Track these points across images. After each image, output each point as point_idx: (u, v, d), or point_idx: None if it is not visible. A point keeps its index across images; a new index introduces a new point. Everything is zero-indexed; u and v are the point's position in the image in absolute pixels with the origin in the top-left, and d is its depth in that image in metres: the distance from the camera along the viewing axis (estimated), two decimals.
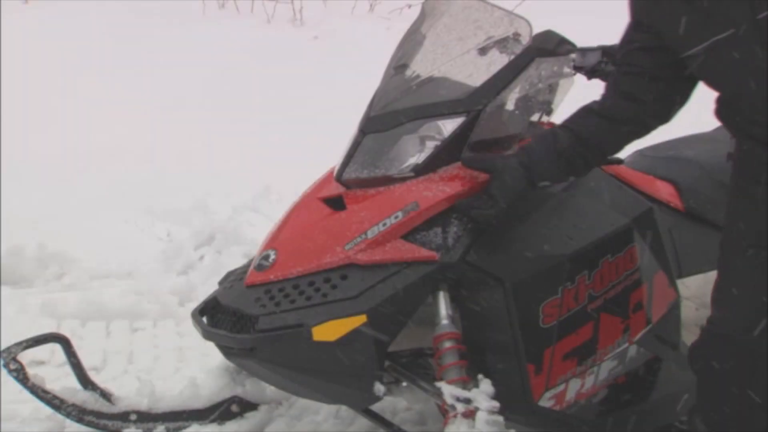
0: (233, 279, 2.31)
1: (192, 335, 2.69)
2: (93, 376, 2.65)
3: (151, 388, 2.66)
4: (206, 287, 3.47)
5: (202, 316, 2.30)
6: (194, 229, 4.37)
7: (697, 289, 2.55)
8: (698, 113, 2.34)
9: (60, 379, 2.75)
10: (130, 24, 7.79)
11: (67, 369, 2.64)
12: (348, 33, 8.05)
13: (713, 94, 1.98)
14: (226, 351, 2.20)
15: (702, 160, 2.61)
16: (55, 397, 2.50)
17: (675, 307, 2.39)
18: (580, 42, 2.30)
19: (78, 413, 2.51)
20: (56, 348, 2.75)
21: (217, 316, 2.23)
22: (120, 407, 2.58)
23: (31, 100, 6.07)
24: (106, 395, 2.59)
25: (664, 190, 2.52)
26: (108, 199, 4.75)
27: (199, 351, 3.13)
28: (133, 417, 2.57)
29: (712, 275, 2.54)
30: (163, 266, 4.04)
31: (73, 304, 3.54)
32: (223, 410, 2.65)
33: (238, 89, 6.80)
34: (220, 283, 2.39)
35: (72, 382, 2.61)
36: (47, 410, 2.54)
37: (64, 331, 3.03)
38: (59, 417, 2.54)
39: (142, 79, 6.76)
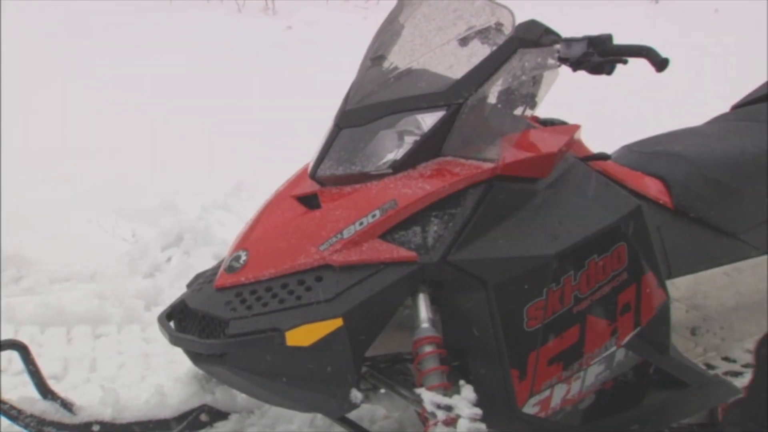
0: (202, 281, 2.30)
1: (158, 341, 2.69)
2: (53, 385, 2.62)
3: (115, 397, 2.65)
4: (174, 290, 3.47)
5: (170, 320, 2.29)
6: (161, 229, 4.36)
7: (687, 290, 2.57)
8: (688, 106, 2.36)
9: (17, 388, 2.74)
10: (94, 16, 7.74)
11: (25, 377, 2.61)
12: (323, 23, 8.05)
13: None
14: (195, 357, 2.19)
15: (692, 156, 2.63)
16: (12, 407, 2.47)
17: (664, 309, 2.40)
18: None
19: (37, 424, 2.49)
20: (13, 356, 2.73)
21: (185, 321, 2.22)
22: (82, 418, 2.56)
23: None
24: (67, 405, 2.57)
25: (653, 187, 2.53)
26: (70, 198, 4.73)
27: (166, 357, 3.12)
28: (96, 428, 2.55)
29: (703, 275, 2.58)
30: (128, 268, 4.03)
31: (32, 308, 3.52)
32: (192, 420, 2.64)
33: (208, 83, 6.79)
34: (189, 285, 2.38)
35: (31, 391, 2.58)
36: (4, 421, 2.52)
37: (22, 338, 3.00)
38: (17, 428, 2.51)
39: (107, 74, 6.74)
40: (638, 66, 2.34)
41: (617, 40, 2.24)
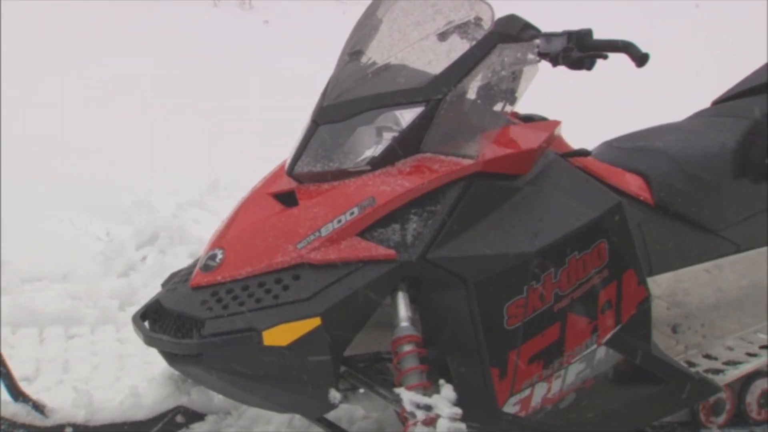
0: (177, 281, 2.29)
1: (133, 341, 2.68)
2: (25, 387, 2.60)
3: (89, 399, 2.63)
4: (149, 290, 3.45)
5: (144, 320, 2.28)
6: (136, 227, 4.34)
7: (668, 287, 2.58)
8: (669, 102, 2.38)
9: None
10: (65, 13, 7.69)
11: None
12: (301, 18, 8.04)
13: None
14: (170, 358, 2.18)
15: (673, 152, 2.65)
16: None
17: (645, 307, 2.41)
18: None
19: (8, 427, 2.47)
20: None
21: (160, 321, 2.21)
22: (54, 420, 2.54)
23: None
24: (39, 407, 2.55)
25: (634, 183, 2.54)
26: (42, 196, 4.70)
27: (141, 358, 3.11)
28: (69, 430, 2.53)
29: (684, 272, 2.60)
30: (101, 268, 4.01)
31: (3, 309, 3.49)
32: (168, 421, 2.62)
33: (183, 78, 6.77)
34: (164, 285, 2.37)
35: (2, 393, 2.57)
36: None
37: None
38: None
39: (79, 71, 6.70)
40: (619, 61, 2.35)
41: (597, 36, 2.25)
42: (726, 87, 3.17)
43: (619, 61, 2.32)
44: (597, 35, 2.25)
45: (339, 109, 2.24)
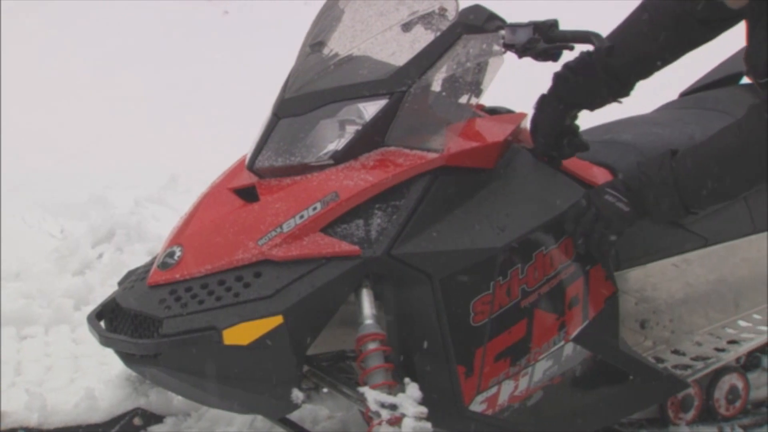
0: (135, 279, 2.28)
1: (89, 342, 2.65)
2: None
3: (42, 402, 2.61)
4: (105, 288, 3.42)
5: (100, 320, 2.27)
6: (91, 224, 4.31)
7: (636, 282, 2.61)
8: (636, 93, 2.41)
9: None
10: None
11: None
12: (261, 8, 8.00)
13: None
14: (127, 358, 2.17)
15: (641, 144, 2.67)
16: None
17: (613, 302, 2.44)
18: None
19: None
20: None
21: (117, 320, 2.20)
22: (6, 424, 2.52)
23: None
24: None
25: (601, 176, 2.56)
26: None
27: (97, 359, 3.08)
28: None
29: (652, 267, 2.62)
30: (56, 266, 3.97)
31: None
32: (125, 424, 2.62)
33: (141, 70, 6.71)
34: (120, 283, 2.36)
35: None
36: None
37: None
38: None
39: (31, 60, 6.61)
40: None
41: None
42: (694, 78, 3.20)
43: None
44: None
45: (300, 102, 2.24)
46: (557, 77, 2.39)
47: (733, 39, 2.49)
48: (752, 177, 2.25)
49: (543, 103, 2.39)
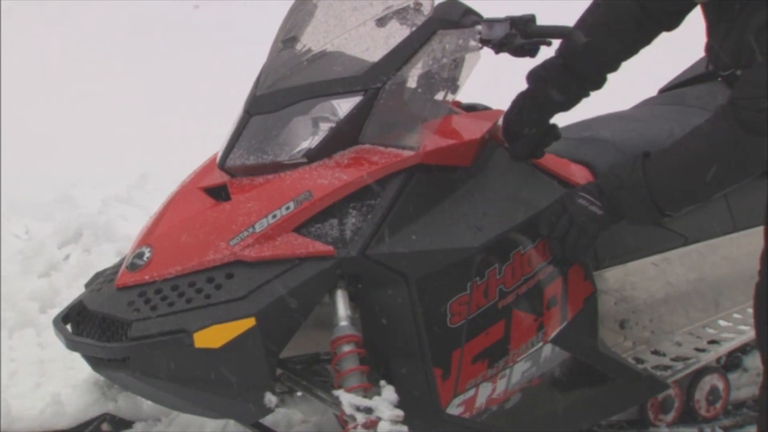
0: (102, 281, 2.26)
1: (55, 346, 2.64)
2: None
3: (7, 408, 2.60)
4: (72, 291, 3.40)
5: (66, 323, 2.26)
6: (57, 224, 4.27)
7: (615, 282, 2.62)
8: (615, 90, 2.42)
9: None
10: None
11: None
12: (232, 2, 7.97)
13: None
14: (95, 362, 2.16)
15: (619, 141, 2.68)
16: None
17: (592, 302, 2.46)
18: None
19: None
20: None
21: (84, 324, 2.19)
22: None
23: None
24: None
25: (579, 174, 2.57)
26: None
27: (64, 363, 3.06)
28: None
29: (632, 266, 2.64)
30: (20, 268, 3.93)
31: None
32: (93, 429, 2.61)
33: (109, 65, 6.67)
34: (87, 285, 2.34)
35: None
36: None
37: None
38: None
39: None
40: None
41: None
42: (673, 74, 3.23)
43: None
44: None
45: (273, 99, 2.24)
46: (532, 77, 2.40)
47: None
48: (722, 178, 2.24)
49: (520, 104, 2.40)
